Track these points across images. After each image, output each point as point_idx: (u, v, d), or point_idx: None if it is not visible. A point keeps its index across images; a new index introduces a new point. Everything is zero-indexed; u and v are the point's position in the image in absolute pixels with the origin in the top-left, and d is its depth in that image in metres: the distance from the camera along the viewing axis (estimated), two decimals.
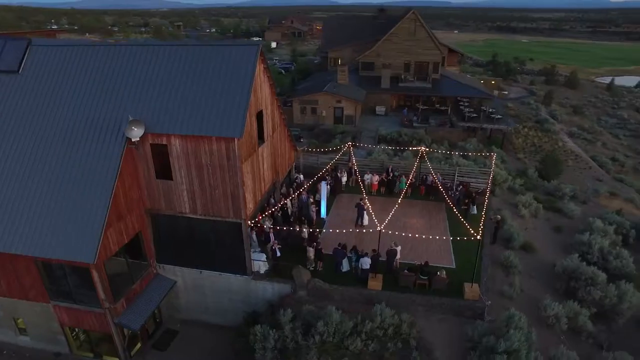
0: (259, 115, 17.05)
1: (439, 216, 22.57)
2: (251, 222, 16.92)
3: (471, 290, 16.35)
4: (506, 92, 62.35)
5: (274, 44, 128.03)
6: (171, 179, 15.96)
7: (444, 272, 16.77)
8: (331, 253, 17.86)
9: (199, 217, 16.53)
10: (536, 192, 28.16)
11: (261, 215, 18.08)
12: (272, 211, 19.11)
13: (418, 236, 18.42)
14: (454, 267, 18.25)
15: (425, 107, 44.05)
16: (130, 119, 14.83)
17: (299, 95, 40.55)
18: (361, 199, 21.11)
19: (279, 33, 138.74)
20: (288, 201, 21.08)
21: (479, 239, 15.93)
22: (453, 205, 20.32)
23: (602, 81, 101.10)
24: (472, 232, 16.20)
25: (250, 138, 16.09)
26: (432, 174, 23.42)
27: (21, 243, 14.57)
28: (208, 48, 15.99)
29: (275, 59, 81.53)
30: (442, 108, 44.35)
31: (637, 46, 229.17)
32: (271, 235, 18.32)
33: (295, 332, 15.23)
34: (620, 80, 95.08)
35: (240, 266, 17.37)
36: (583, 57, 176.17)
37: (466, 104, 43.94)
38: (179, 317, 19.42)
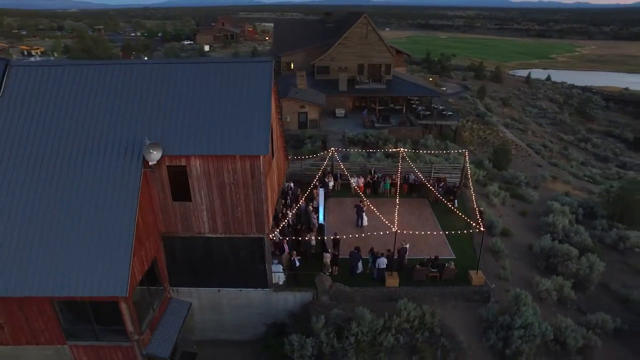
0: (270, 129, 17.34)
1: (426, 212, 24.33)
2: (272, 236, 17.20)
3: (477, 276, 18.12)
4: (444, 89, 67.00)
5: (206, 47, 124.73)
6: (189, 200, 15.72)
7: (452, 264, 18.40)
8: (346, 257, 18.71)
9: (218, 236, 16.47)
10: (496, 181, 31.21)
11: (277, 227, 18.39)
12: (285, 222, 19.45)
13: (418, 233, 19.93)
14: (454, 257, 20.00)
15: (381, 108, 46.25)
16: (148, 141, 14.43)
17: None
18: (360, 201, 22.15)
19: (210, 36, 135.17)
20: (292, 210, 21.49)
21: (483, 230, 17.75)
22: (440, 201, 22.17)
23: (515, 74, 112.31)
24: (474, 224, 17.98)
25: (269, 153, 16.37)
26: (416, 172, 25.08)
27: (36, 284, 13.55)
28: (222, 65, 15.99)
29: None
30: (397, 107, 46.90)
31: (537, 42, 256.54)
32: (285, 246, 18.68)
33: (330, 336, 15.88)
34: (526, 73, 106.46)
35: (261, 280, 17.55)
36: (495, 52, 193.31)
37: (416, 102, 46.90)
38: (193, 338, 19.04)
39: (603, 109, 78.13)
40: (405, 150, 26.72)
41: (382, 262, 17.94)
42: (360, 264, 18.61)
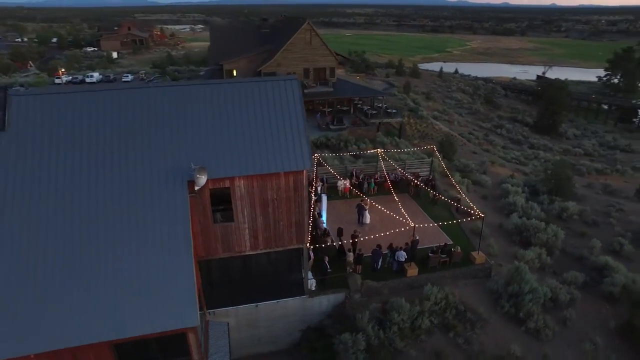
0: None
1: (412, 205, 26.74)
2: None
3: (479, 256, 20.88)
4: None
5: (114, 54, 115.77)
6: (232, 221, 15.90)
7: (459, 248, 20.93)
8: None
9: (257, 252, 16.83)
10: (453, 171, 35.00)
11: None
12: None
13: (422, 225, 22.17)
14: (452, 242, 22.60)
15: (329, 110, 48.19)
16: (194, 166, 14.36)
17: None
18: (362, 200, 23.73)
19: (116, 42, 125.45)
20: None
21: (483, 216, 20.50)
22: (422, 193, 24.68)
23: (424, 68, 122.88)
24: (476, 211, 20.69)
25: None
26: (397, 170, 27.37)
27: (94, 329, 12.78)
28: (251, 84, 16.16)
29: (142, 73, 74.72)
30: (344, 109, 49.23)
31: (433, 37, 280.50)
32: (310, 252, 19.55)
33: (375, 329, 17.30)
34: (429, 67, 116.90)
35: (298, 288, 18.27)
36: (398, 47, 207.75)
37: (360, 102, 49.72)
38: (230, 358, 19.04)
39: (504, 97, 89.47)
40: (382, 150, 28.88)
41: (402, 255, 19.79)
42: (380, 260, 20.23)
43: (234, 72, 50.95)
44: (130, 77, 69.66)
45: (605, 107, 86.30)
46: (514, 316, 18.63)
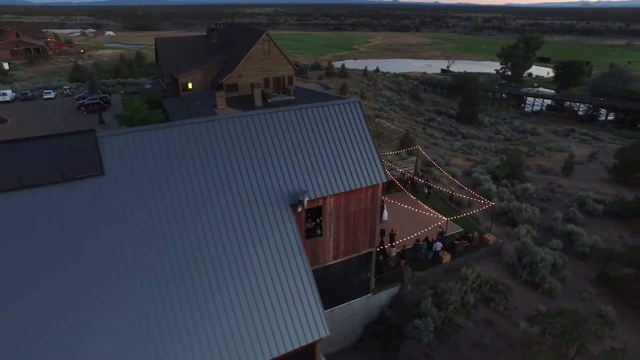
0: None
1: (414, 200, 30.15)
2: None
3: (491, 237, 24.97)
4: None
5: (6, 66, 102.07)
6: (320, 235, 17.48)
7: (476, 233, 24.77)
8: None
9: (337, 261, 18.60)
10: (425, 166, 39.40)
11: None
12: None
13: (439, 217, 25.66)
14: (463, 229, 26.44)
15: None
16: (300, 190, 15.70)
17: None
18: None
19: (6, 51, 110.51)
20: None
21: (493, 204, 24.58)
22: (420, 190, 28.29)
23: (338, 67, 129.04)
24: (486, 200, 24.66)
25: None
26: (400, 171, 30.56)
27: (235, 356, 13.64)
28: (322, 107, 17.51)
29: (66, 88, 67.30)
30: None
31: (337, 35, 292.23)
32: None
33: (437, 311, 20.22)
34: (340, 64, 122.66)
35: (364, 288, 20.38)
36: (307, 47, 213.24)
37: None
38: None
39: (423, 92, 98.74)
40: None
41: (438, 245, 22.99)
42: (419, 252, 23.19)
43: (189, 85, 49.85)
44: (52, 94, 62.61)
45: (504, 95, 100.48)
46: (531, 282, 22.99)
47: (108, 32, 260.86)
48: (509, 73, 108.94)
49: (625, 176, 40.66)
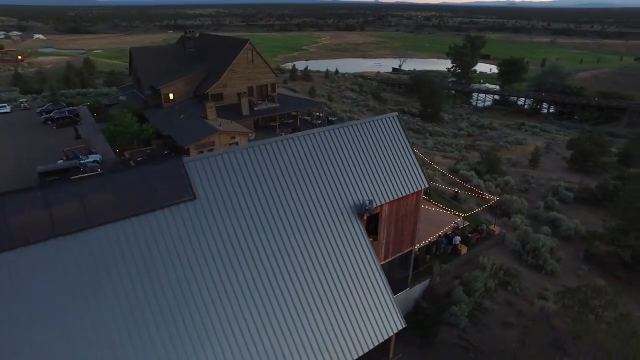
0: None
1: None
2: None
3: (496, 228, 28.08)
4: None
5: None
6: (376, 239, 19.29)
7: (484, 225, 27.73)
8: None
9: (387, 261, 20.50)
10: None
11: None
12: None
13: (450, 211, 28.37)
14: (468, 223, 29.39)
15: (277, 124, 50.90)
16: (368, 200, 17.40)
17: (191, 141, 39.12)
18: None
19: None
20: None
21: (497, 199, 27.64)
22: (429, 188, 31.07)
23: (287, 68, 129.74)
24: (490, 196, 27.68)
25: None
26: None
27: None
28: (367, 124, 19.28)
29: (23, 101, 62.73)
30: (289, 121, 52.42)
31: (284, 36, 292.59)
32: None
33: (468, 298, 22.79)
34: (291, 66, 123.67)
35: (403, 283, 22.47)
36: (259, 48, 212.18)
37: (300, 114, 53.66)
38: None
39: (383, 91, 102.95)
40: None
41: (457, 239, 25.63)
42: (441, 246, 25.68)
43: (170, 96, 49.26)
44: (8, 107, 58.33)
45: (454, 92, 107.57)
46: (535, 265, 26.33)
47: (37, 36, 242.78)
48: (459, 71, 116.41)
49: (582, 165, 46.23)
